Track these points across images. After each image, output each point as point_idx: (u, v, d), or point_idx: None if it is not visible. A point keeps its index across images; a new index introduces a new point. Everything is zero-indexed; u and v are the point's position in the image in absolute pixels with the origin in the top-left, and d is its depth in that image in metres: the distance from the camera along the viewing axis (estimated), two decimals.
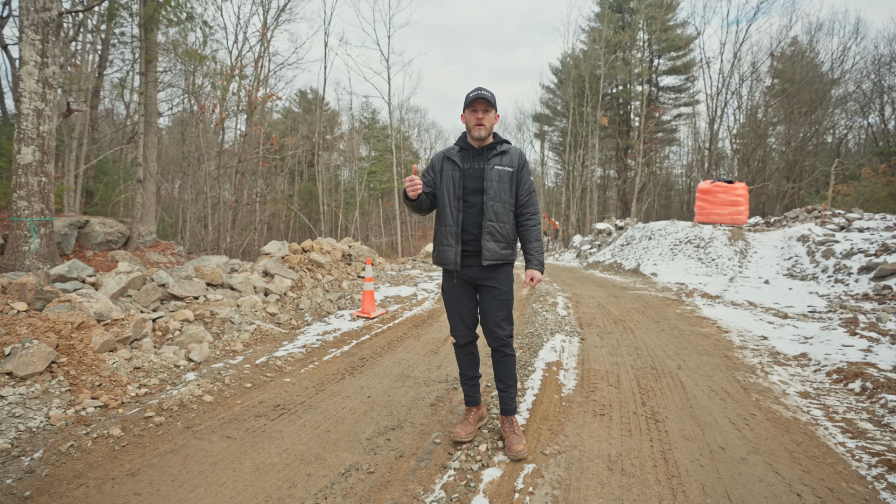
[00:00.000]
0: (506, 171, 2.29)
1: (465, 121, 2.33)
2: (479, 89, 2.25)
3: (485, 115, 2.25)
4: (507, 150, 2.33)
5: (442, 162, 2.37)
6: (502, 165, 2.29)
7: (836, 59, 25.78)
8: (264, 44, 19.94)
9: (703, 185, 12.25)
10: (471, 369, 2.51)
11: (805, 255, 9.09)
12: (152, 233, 10.63)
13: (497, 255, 2.27)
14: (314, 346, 4.17)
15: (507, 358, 2.39)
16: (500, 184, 2.27)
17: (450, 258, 2.30)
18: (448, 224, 2.30)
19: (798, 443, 2.47)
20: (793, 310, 6.00)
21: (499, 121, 2.35)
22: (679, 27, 30.06)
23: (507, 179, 2.29)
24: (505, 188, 2.29)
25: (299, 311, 5.66)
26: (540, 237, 2.36)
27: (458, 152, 2.35)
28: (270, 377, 3.36)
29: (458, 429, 2.41)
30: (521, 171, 2.33)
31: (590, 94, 29.14)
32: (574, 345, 4.30)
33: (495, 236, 2.26)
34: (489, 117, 2.26)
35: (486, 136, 2.29)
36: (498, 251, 2.27)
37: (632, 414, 2.81)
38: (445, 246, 2.32)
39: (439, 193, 2.36)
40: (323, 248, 8.52)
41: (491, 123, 2.28)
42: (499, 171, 2.28)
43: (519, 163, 2.33)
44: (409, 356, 3.95)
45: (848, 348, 3.91)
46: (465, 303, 2.40)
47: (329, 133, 38.27)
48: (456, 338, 2.47)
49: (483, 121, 2.24)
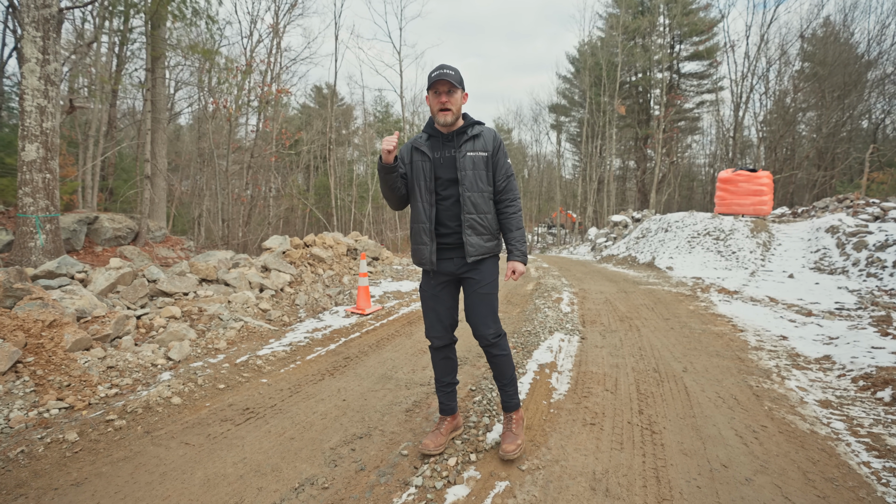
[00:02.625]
0: (480, 157, 2.09)
1: (430, 104, 2.11)
2: (440, 68, 2.02)
3: (449, 97, 2.02)
4: (480, 133, 2.12)
5: (411, 153, 2.16)
6: (475, 151, 2.08)
7: (874, 39, 24.24)
8: (276, 39, 19.95)
9: (724, 174, 11.65)
10: (446, 375, 2.29)
11: (834, 247, 8.52)
12: (162, 228, 10.74)
13: (482, 250, 2.10)
14: (300, 345, 4.03)
15: (498, 358, 2.20)
16: (476, 171, 2.08)
17: (425, 257, 2.13)
18: (421, 221, 2.12)
19: (814, 461, 2.18)
20: (818, 307, 5.57)
21: (467, 100, 2.13)
22: (702, 10, 28.79)
23: (482, 166, 2.09)
24: (481, 175, 2.09)
25: (294, 307, 5.55)
26: (521, 225, 2.18)
27: (426, 141, 2.14)
28: (247, 377, 3.22)
29: (428, 440, 2.20)
30: (496, 154, 2.13)
31: (607, 82, 28.28)
32: (573, 344, 4.04)
33: (477, 229, 2.09)
34: (454, 99, 2.04)
35: (454, 120, 2.07)
36: (482, 244, 2.10)
37: (626, 424, 2.55)
38: (420, 245, 2.14)
39: (411, 188, 2.16)
40: (325, 243, 8.42)
41: (458, 106, 2.06)
42: (472, 157, 2.07)
43: (493, 145, 2.12)
44: (396, 356, 3.76)
45: (878, 350, 3.53)
46: (444, 300, 2.21)
47: (344, 128, 38.38)
48: (431, 340, 2.26)
49: (448, 104, 2.02)
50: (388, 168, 2.02)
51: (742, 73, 25.22)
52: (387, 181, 2.07)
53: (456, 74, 2.03)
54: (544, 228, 40.34)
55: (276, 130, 21.39)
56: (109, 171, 15.94)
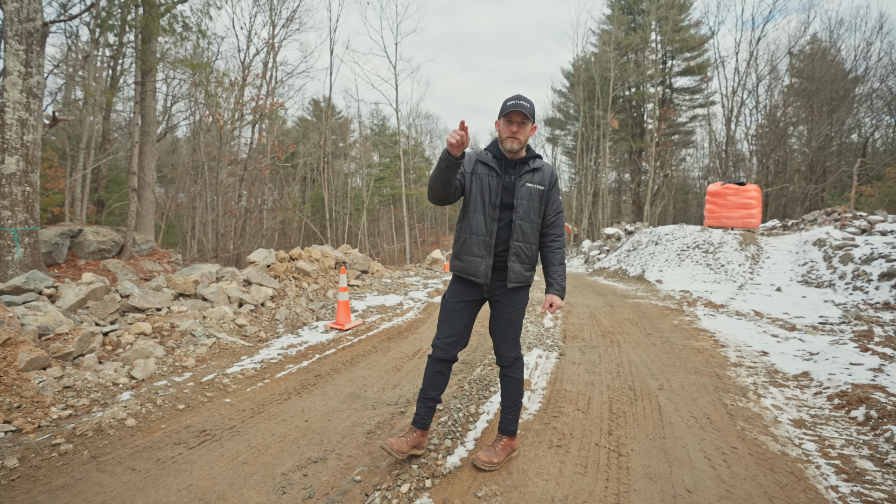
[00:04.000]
0: (536, 190, 2.15)
1: (499, 130, 2.16)
2: (517, 98, 2.07)
3: (520, 128, 2.07)
4: (541, 167, 2.18)
5: (474, 164, 2.17)
6: (533, 183, 2.14)
7: (860, 56, 24.71)
8: (272, 53, 20.14)
9: (713, 187, 11.71)
10: (434, 389, 2.26)
11: (821, 260, 8.52)
12: (149, 241, 10.65)
13: (521, 278, 2.15)
14: (272, 362, 3.94)
15: (510, 380, 2.28)
16: (530, 202, 2.14)
17: (479, 270, 2.12)
18: (480, 233, 2.13)
19: (782, 485, 2.11)
20: (802, 321, 5.53)
21: (535, 132, 2.18)
22: (692, 27, 29.33)
23: (536, 198, 2.15)
24: (534, 207, 2.15)
25: (273, 323, 5.46)
26: (563, 260, 2.22)
27: (493, 159, 2.17)
28: (210, 397, 3.13)
29: (393, 440, 2.17)
30: (551, 189, 2.19)
31: (601, 96, 28.62)
32: (551, 361, 3.97)
33: (521, 257, 2.14)
34: (524, 131, 2.09)
35: (520, 149, 2.12)
36: (522, 273, 2.15)
37: (593, 445, 2.48)
38: (474, 257, 2.14)
39: (469, 197, 2.17)
40: (312, 256, 8.35)
41: (526, 137, 2.11)
42: (529, 188, 2.13)
43: (550, 181, 2.19)
44: (369, 373, 3.68)
45: (856, 367, 3.48)
46: (462, 318, 2.20)
47: (341, 140, 38.62)
48: (435, 349, 2.22)
49: (518, 134, 2.08)
50: (452, 162, 1.89)
51: (733, 89, 25.62)
52: (445, 174, 1.94)
53: (531, 107, 2.08)
54: None
55: (271, 143, 21.46)
56: (102, 183, 15.90)
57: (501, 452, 2.26)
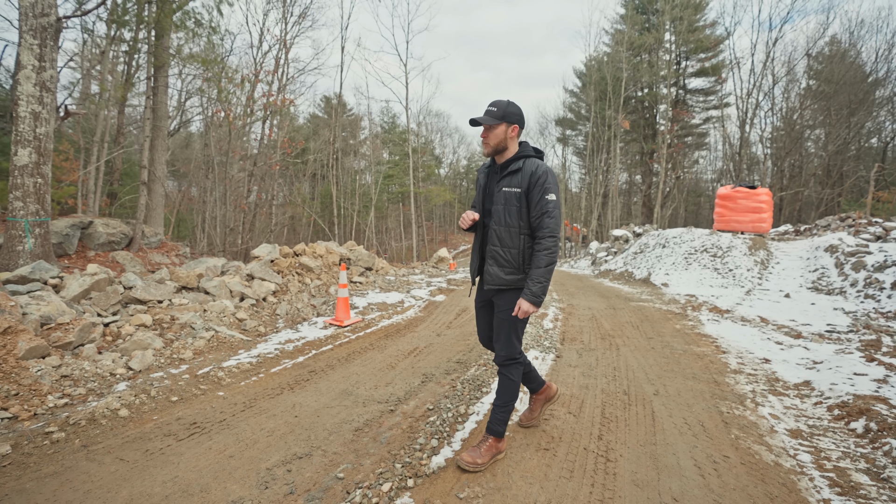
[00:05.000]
0: (512, 193, 2.15)
1: None
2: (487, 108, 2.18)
3: (488, 132, 2.18)
4: (520, 169, 2.16)
5: (480, 176, 2.40)
6: (510, 187, 2.16)
7: (881, 58, 24.09)
8: (283, 50, 20.28)
9: (723, 190, 11.52)
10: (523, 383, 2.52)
11: (833, 266, 8.33)
12: (158, 234, 10.80)
13: (500, 281, 2.19)
14: (268, 357, 3.96)
15: (502, 379, 2.31)
16: (507, 206, 2.16)
17: (473, 270, 2.38)
18: (475, 239, 2.37)
19: (772, 497, 2.06)
20: (809, 329, 5.41)
21: (517, 132, 2.19)
22: (708, 27, 28.86)
23: (514, 201, 2.15)
24: (511, 211, 2.15)
25: (274, 317, 5.50)
26: (544, 264, 2.08)
27: (486, 168, 2.34)
28: (204, 390, 3.16)
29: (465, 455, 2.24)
30: (530, 191, 2.13)
31: (613, 97, 28.33)
32: (546, 363, 3.93)
33: (499, 261, 2.18)
34: (493, 134, 2.17)
35: (493, 153, 2.22)
36: (501, 276, 2.18)
37: (581, 450, 2.45)
38: (472, 260, 2.38)
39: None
40: (316, 252, 8.40)
41: (497, 139, 2.17)
42: (505, 192, 2.16)
43: (529, 182, 2.12)
44: (363, 370, 3.68)
45: (860, 377, 3.39)
46: (482, 317, 2.46)
47: (352, 137, 38.77)
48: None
49: (487, 139, 2.19)
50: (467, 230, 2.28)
51: (748, 90, 25.16)
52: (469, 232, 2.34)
53: (498, 111, 2.13)
54: None
55: (281, 139, 21.61)
56: (116, 175, 16.16)
57: (486, 453, 2.23)
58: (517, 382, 2.28)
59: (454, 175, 55.97)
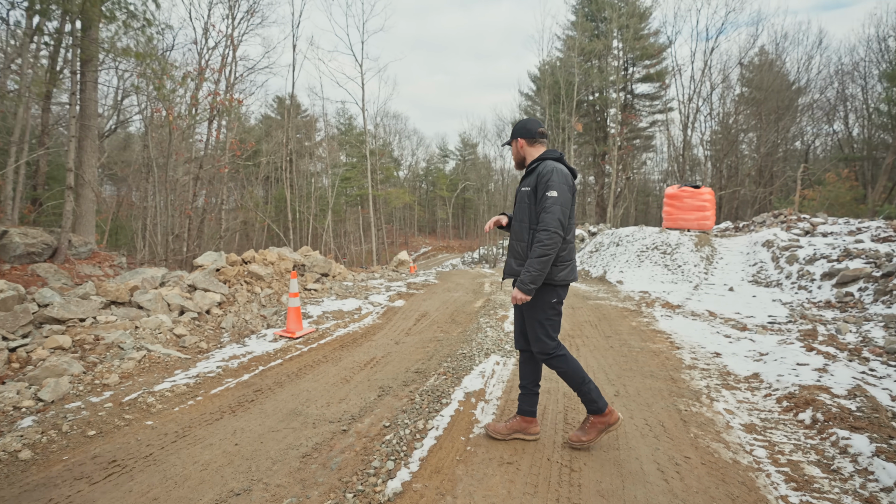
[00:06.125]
0: (525, 192, 2.37)
1: None
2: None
3: (511, 150, 2.54)
4: (533, 170, 2.39)
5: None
6: (526, 186, 2.39)
7: (802, 68, 26.37)
8: (231, 46, 19.29)
9: (671, 190, 12.06)
10: (521, 377, 2.55)
11: (770, 260, 8.89)
12: (89, 243, 9.86)
13: (513, 272, 2.40)
14: (209, 376, 3.62)
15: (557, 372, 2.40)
16: (521, 204, 2.40)
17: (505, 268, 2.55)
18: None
19: (733, 498, 2.05)
20: (753, 320, 5.68)
21: (523, 144, 2.45)
22: (652, 36, 30.40)
23: (526, 199, 2.37)
24: (524, 208, 2.37)
25: (218, 331, 5.09)
26: (535, 255, 2.22)
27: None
28: (129, 420, 2.80)
29: (493, 423, 2.61)
30: (537, 188, 2.31)
31: (566, 100, 29.16)
32: (508, 368, 3.85)
33: (514, 254, 2.42)
34: (512, 151, 2.52)
35: (518, 166, 2.53)
36: (514, 268, 2.40)
37: (545, 461, 2.35)
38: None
39: None
40: (266, 259, 7.95)
41: (515, 154, 2.51)
42: (522, 192, 2.40)
43: (536, 181, 2.32)
44: (315, 386, 3.43)
45: (802, 367, 3.54)
46: (516, 311, 2.54)
47: (307, 139, 37.58)
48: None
49: (513, 156, 2.54)
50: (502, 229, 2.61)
51: (689, 96, 26.70)
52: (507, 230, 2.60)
53: (512, 132, 2.49)
54: None
55: (229, 141, 20.54)
56: (41, 180, 14.66)
57: (591, 430, 2.41)
58: (570, 369, 2.36)
59: (413, 177, 55.68)
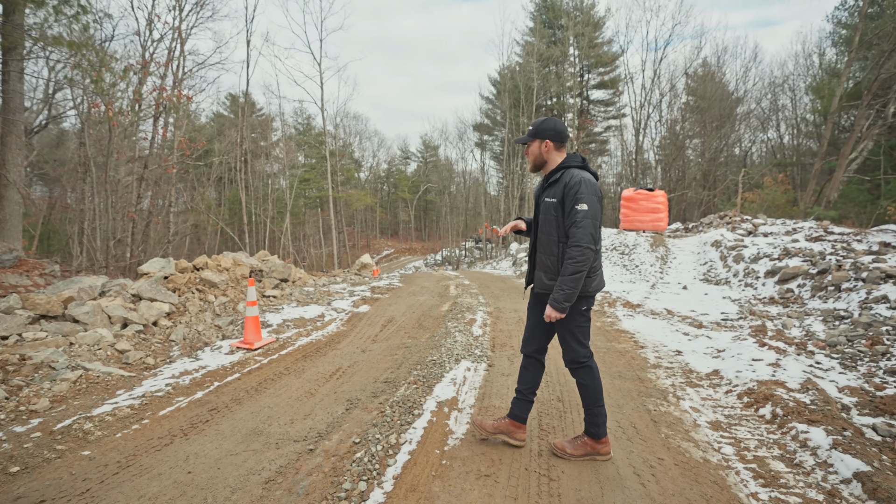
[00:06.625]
0: (551, 203, 2.28)
1: None
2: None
3: (527, 149, 2.41)
4: (558, 180, 2.28)
5: (536, 189, 2.51)
6: (551, 197, 2.29)
7: (740, 80, 28.37)
8: (178, 40, 18.22)
9: (627, 192, 12.53)
10: (520, 382, 2.53)
11: (718, 259, 9.40)
12: (14, 250, 8.93)
13: (543, 286, 2.34)
14: (157, 395, 3.31)
15: (579, 385, 2.40)
16: (546, 216, 2.30)
17: (527, 276, 2.53)
18: (530, 244, 2.49)
19: (707, 498, 2.07)
20: (707, 318, 5.95)
21: (550, 146, 2.33)
22: (605, 44, 31.66)
23: (552, 211, 2.28)
24: (550, 220, 2.29)
25: (167, 345, 4.71)
26: (568, 272, 2.15)
27: (541, 182, 2.46)
28: (61, 451, 2.49)
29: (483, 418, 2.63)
30: (563, 201, 2.23)
31: (525, 104, 29.77)
32: (479, 374, 3.79)
33: (543, 267, 2.34)
34: (529, 151, 2.38)
35: (534, 168, 2.41)
36: (544, 281, 2.33)
37: (523, 471, 2.30)
38: (528, 265, 2.50)
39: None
40: (221, 265, 7.50)
41: (533, 156, 2.38)
42: (546, 203, 2.31)
43: (563, 192, 2.22)
44: (277, 402, 3.22)
45: (757, 363, 3.72)
46: (532, 316, 2.51)
47: (263, 139, 36.16)
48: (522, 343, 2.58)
49: (527, 155, 2.41)
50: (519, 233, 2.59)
51: (640, 103, 27.99)
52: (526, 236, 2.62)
53: (533, 129, 2.35)
54: (472, 243, 41.08)
55: (178, 139, 19.36)
56: None
57: (579, 448, 2.38)
58: (593, 385, 2.34)
59: (375, 179, 54.97)
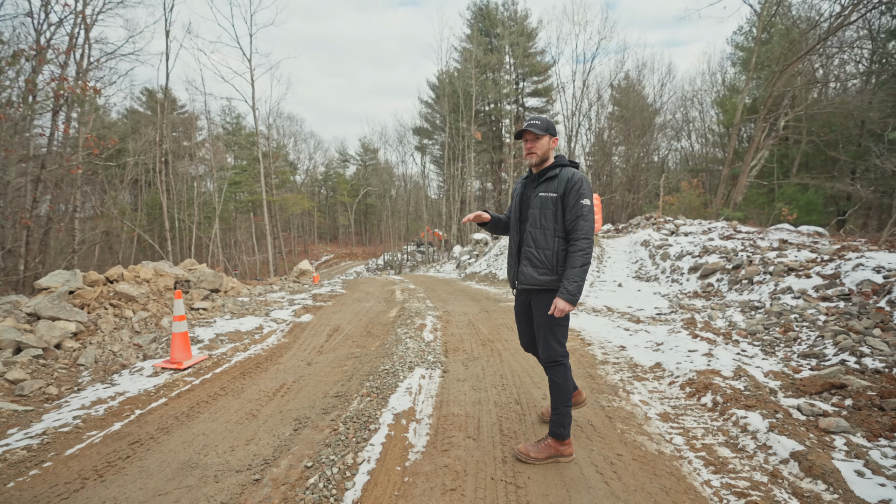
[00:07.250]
0: (549, 197, 2.30)
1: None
2: (530, 120, 2.32)
3: (534, 143, 2.33)
4: (556, 175, 2.31)
5: (517, 186, 2.51)
6: (547, 192, 2.31)
7: (657, 93, 31.04)
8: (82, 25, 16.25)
9: None
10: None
11: (648, 258, 10.10)
12: None
13: (533, 280, 2.32)
14: (62, 431, 2.83)
15: (551, 383, 2.37)
16: (543, 210, 2.31)
17: (510, 277, 2.51)
18: (510, 245, 2.50)
19: (667, 490, 2.13)
20: (643, 313, 6.33)
21: (556, 143, 2.37)
22: (538, 54, 33.12)
23: (549, 205, 2.29)
24: (547, 214, 2.30)
25: (74, 370, 4.09)
26: (579, 264, 2.19)
27: (524, 179, 2.49)
28: None
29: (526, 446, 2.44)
30: (565, 196, 2.27)
31: (464, 109, 30.26)
32: (435, 381, 3.68)
33: (533, 262, 2.32)
34: (539, 144, 2.32)
35: (539, 162, 2.36)
36: (535, 276, 2.32)
37: (489, 481, 2.22)
38: (509, 266, 2.50)
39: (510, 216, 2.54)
40: (139, 276, 6.74)
41: (543, 150, 2.33)
42: (542, 197, 2.32)
43: (565, 187, 2.27)
44: (213, 427, 2.88)
45: (693, 353, 3.98)
46: (522, 320, 2.57)
47: (186, 139, 33.37)
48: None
49: (533, 149, 2.33)
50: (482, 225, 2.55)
51: (571, 111, 29.56)
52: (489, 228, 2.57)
53: (542, 124, 2.32)
54: (413, 247, 40.91)
55: (84, 136, 17.25)
56: None
57: (543, 451, 2.35)
58: (564, 384, 2.33)
59: (312, 182, 52.97)
